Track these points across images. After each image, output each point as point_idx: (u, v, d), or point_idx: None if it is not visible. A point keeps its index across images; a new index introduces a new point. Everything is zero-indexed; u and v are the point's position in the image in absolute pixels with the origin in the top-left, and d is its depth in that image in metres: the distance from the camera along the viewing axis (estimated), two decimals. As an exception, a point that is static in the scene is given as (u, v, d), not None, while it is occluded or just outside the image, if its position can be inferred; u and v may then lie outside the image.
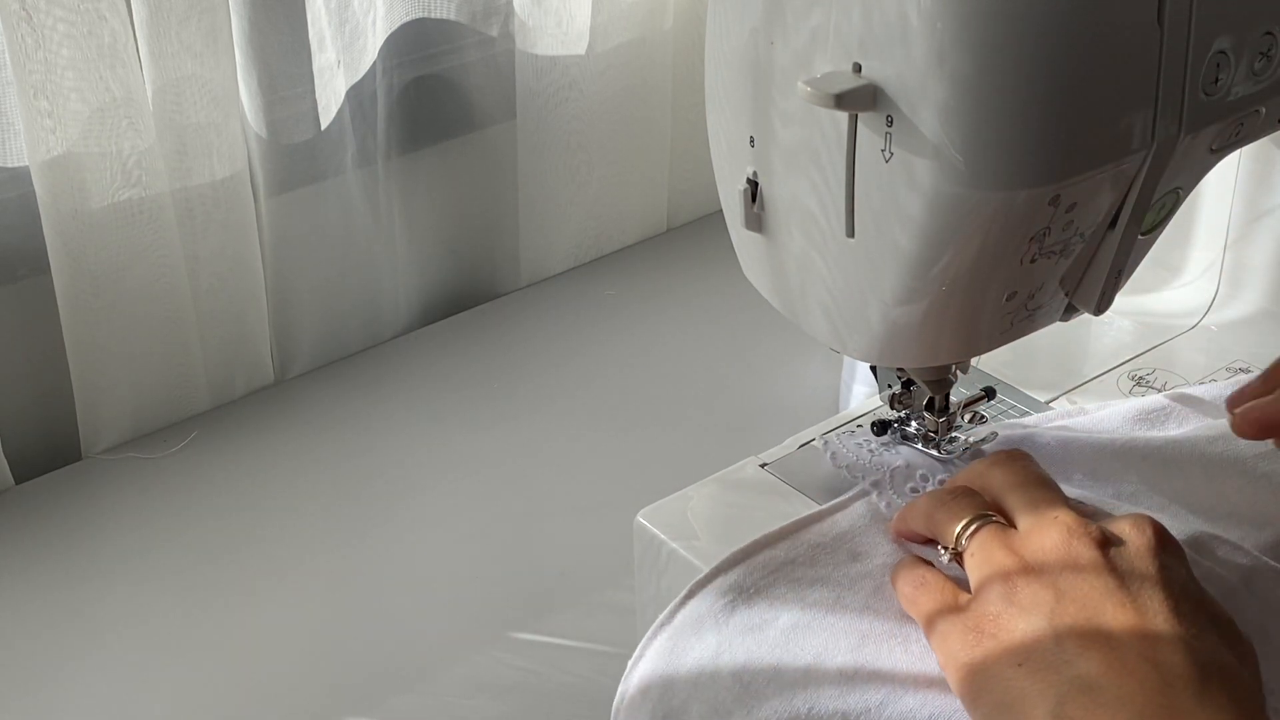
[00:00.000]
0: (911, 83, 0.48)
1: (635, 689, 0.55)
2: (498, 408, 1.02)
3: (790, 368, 1.04)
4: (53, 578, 0.88)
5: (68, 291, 0.93)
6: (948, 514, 0.54)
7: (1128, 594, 0.48)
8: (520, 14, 1.08)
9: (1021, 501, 0.53)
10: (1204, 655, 0.46)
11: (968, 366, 0.65)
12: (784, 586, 0.57)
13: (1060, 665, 0.47)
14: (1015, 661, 0.48)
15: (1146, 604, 0.48)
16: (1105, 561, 0.49)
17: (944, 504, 0.55)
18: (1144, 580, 0.49)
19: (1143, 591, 0.48)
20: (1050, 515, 0.51)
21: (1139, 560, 0.49)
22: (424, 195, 1.12)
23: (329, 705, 0.78)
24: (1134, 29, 0.48)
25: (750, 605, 0.56)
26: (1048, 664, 0.47)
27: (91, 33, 0.86)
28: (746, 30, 0.55)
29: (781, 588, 0.57)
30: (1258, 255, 0.78)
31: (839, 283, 0.56)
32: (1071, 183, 0.50)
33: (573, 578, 0.86)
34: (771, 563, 0.58)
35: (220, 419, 1.02)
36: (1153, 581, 0.48)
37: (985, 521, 0.53)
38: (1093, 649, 0.47)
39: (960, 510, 0.54)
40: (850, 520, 0.60)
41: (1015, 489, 0.53)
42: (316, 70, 0.99)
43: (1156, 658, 0.46)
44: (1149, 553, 0.49)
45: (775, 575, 0.57)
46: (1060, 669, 0.47)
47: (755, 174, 0.57)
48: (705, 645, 0.55)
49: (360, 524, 0.92)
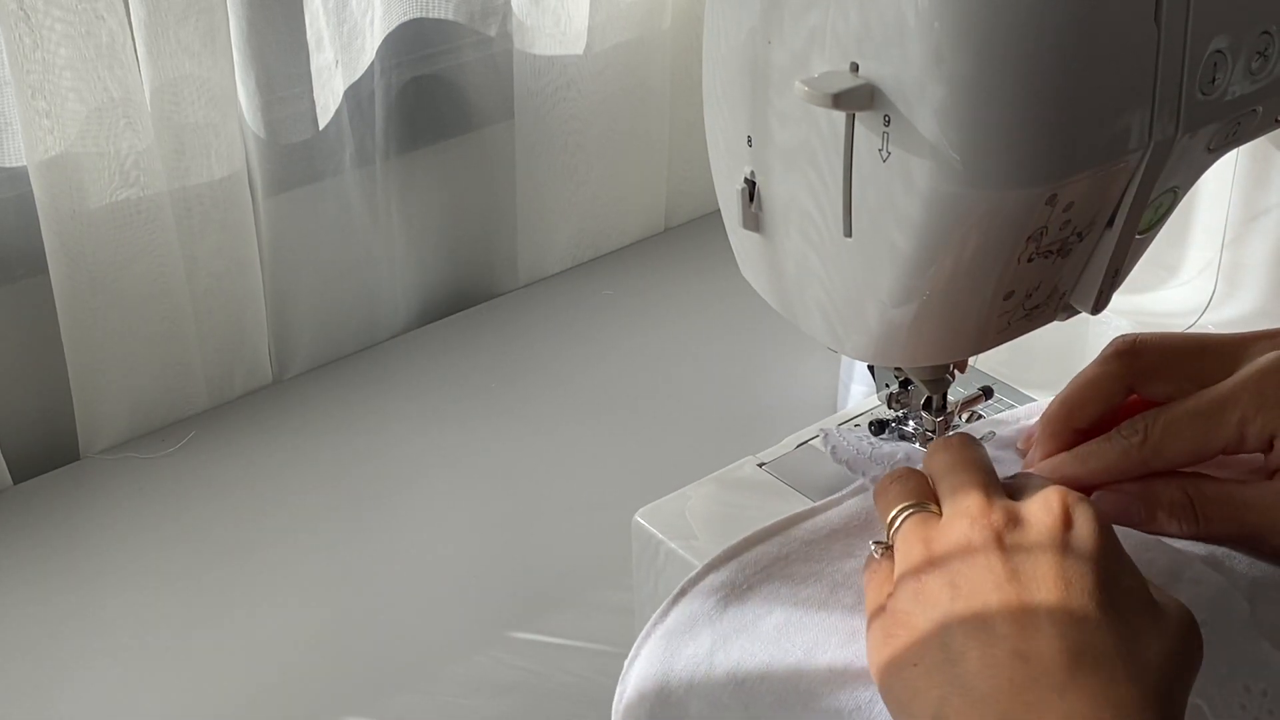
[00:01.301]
0: (909, 82, 0.48)
1: (632, 689, 0.55)
2: (496, 407, 1.02)
3: (788, 367, 1.04)
4: (51, 578, 0.88)
5: (66, 291, 0.93)
6: (884, 503, 0.54)
7: (1017, 582, 0.47)
8: (518, 14, 1.08)
9: (945, 489, 0.52)
10: (1081, 641, 0.45)
11: (965, 366, 0.65)
12: (776, 583, 0.57)
13: (946, 664, 0.46)
14: (912, 661, 0.48)
15: (1034, 590, 0.47)
16: (999, 549, 0.48)
17: (882, 492, 0.54)
18: (1038, 563, 0.47)
19: (1035, 576, 0.47)
20: (961, 504, 0.50)
21: (1039, 542, 0.48)
22: (422, 195, 1.12)
23: (327, 704, 0.78)
24: (1131, 28, 0.48)
25: (743, 603, 0.56)
26: (937, 663, 0.47)
27: (89, 33, 0.86)
28: (744, 30, 0.55)
29: (774, 584, 0.57)
30: (1255, 254, 0.78)
31: (836, 282, 0.56)
32: (1068, 182, 0.50)
33: (571, 577, 0.86)
34: (763, 559, 0.57)
35: (218, 419, 1.02)
36: (1048, 564, 0.47)
37: (912, 511, 0.52)
38: (973, 646, 0.46)
39: (892, 499, 0.53)
40: (843, 516, 0.60)
41: (944, 475, 0.53)
42: (314, 70, 0.99)
43: (1028, 650, 0.45)
44: (1050, 533, 0.48)
45: (767, 572, 0.57)
46: (946, 668, 0.46)
47: (753, 174, 0.57)
48: (699, 644, 0.55)
49: (359, 523, 0.92)
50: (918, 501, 0.52)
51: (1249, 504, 0.54)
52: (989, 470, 0.53)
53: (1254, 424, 0.53)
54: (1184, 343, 0.57)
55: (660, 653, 0.55)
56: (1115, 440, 0.55)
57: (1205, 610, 0.51)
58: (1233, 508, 0.54)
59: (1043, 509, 0.49)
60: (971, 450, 0.54)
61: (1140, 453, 0.55)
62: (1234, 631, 0.52)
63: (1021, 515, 0.49)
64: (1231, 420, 0.53)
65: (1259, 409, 0.53)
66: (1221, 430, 0.53)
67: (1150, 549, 0.54)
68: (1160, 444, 0.54)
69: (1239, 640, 0.51)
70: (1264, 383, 0.53)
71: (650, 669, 0.55)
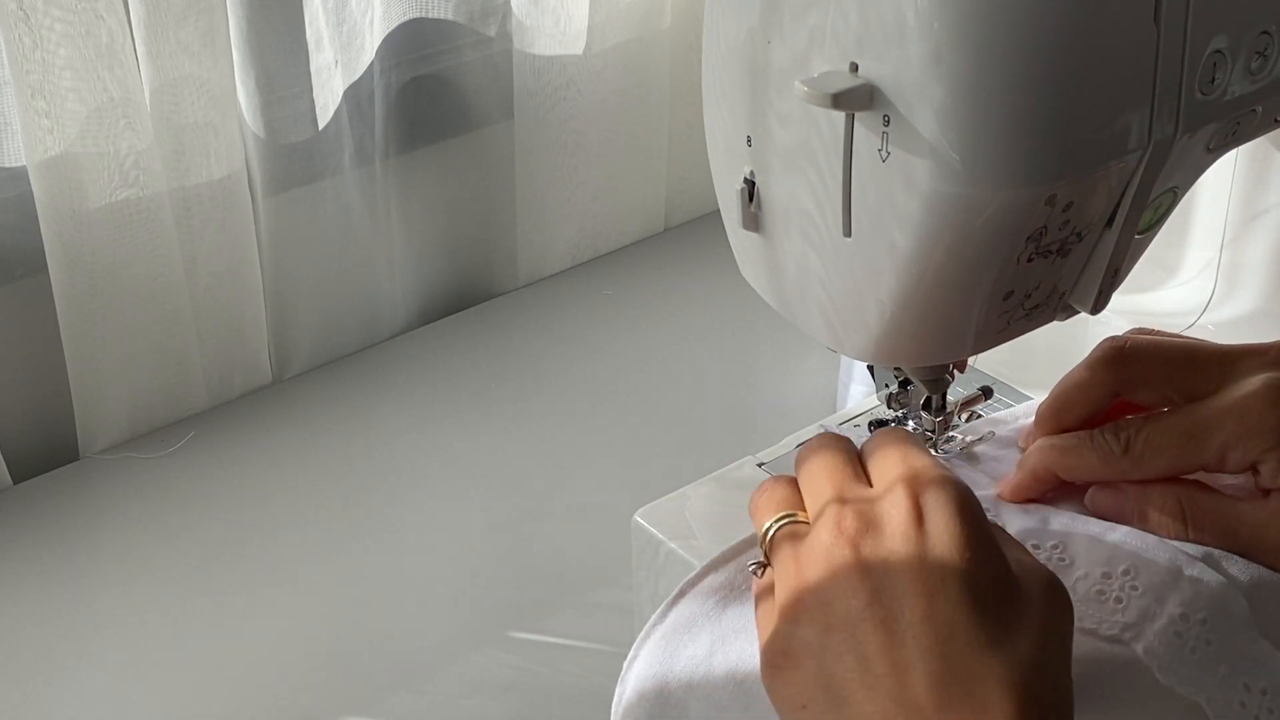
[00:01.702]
0: (908, 82, 0.48)
1: (631, 690, 0.55)
2: (495, 407, 1.02)
3: (788, 367, 1.04)
4: (51, 577, 0.88)
5: (65, 291, 0.93)
6: (757, 517, 0.52)
7: (881, 606, 0.46)
8: (518, 14, 1.08)
9: (806, 494, 0.51)
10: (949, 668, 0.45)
11: (965, 366, 0.65)
12: None
13: (834, 709, 0.46)
14: (801, 703, 0.47)
15: (900, 613, 0.46)
16: (858, 567, 0.47)
17: (754, 504, 0.53)
18: (898, 580, 0.46)
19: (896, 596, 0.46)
20: (818, 512, 0.49)
21: (894, 548, 0.47)
22: (421, 195, 1.12)
23: (326, 704, 0.78)
24: (1130, 28, 0.48)
25: (742, 602, 0.56)
26: (826, 707, 0.46)
27: (89, 33, 0.86)
28: (744, 30, 0.55)
29: None
30: (1254, 254, 0.78)
31: (836, 282, 0.56)
32: (1068, 182, 0.50)
33: (570, 577, 0.86)
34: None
35: (218, 419, 1.02)
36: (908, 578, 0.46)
37: (784, 524, 0.51)
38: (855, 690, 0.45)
39: (762, 512, 0.52)
40: None
41: (803, 479, 0.52)
42: (314, 70, 0.99)
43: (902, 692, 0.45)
44: (904, 535, 0.47)
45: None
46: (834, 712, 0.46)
47: (752, 174, 0.57)
48: (699, 645, 0.55)
49: (358, 523, 0.92)
50: (789, 512, 0.51)
51: (1241, 519, 0.54)
52: (844, 464, 0.51)
53: (1236, 449, 0.53)
54: (1173, 351, 0.57)
55: (660, 653, 0.55)
56: (1098, 442, 0.55)
57: (1205, 609, 0.52)
58: (1225, 521, 0.54)
59: (893, 506, 0.48)
60: (827, 446, 0.52)
61: (1121, 462, 0.55)
62: (1234, 630, 0.52)
63: (874, 516, 0.48)
64: (1213, 443, 0.53)
65: (1241, 436, 0.53)
66: (1202, 452, 0.54)
67: (1150, 549, 0.54)
68: (1141, 457, 0.55)
69: (1239, 639, 0.52)
70: (1248, 410, 0.53)
71: (650, 669, 0.55)
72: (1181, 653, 0.51)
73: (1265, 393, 0.53)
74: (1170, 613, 0.52)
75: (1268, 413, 0.53)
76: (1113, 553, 0.54)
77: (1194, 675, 0.51)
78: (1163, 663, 0.51)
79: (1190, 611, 0.52)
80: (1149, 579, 0.53)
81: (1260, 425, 0.53)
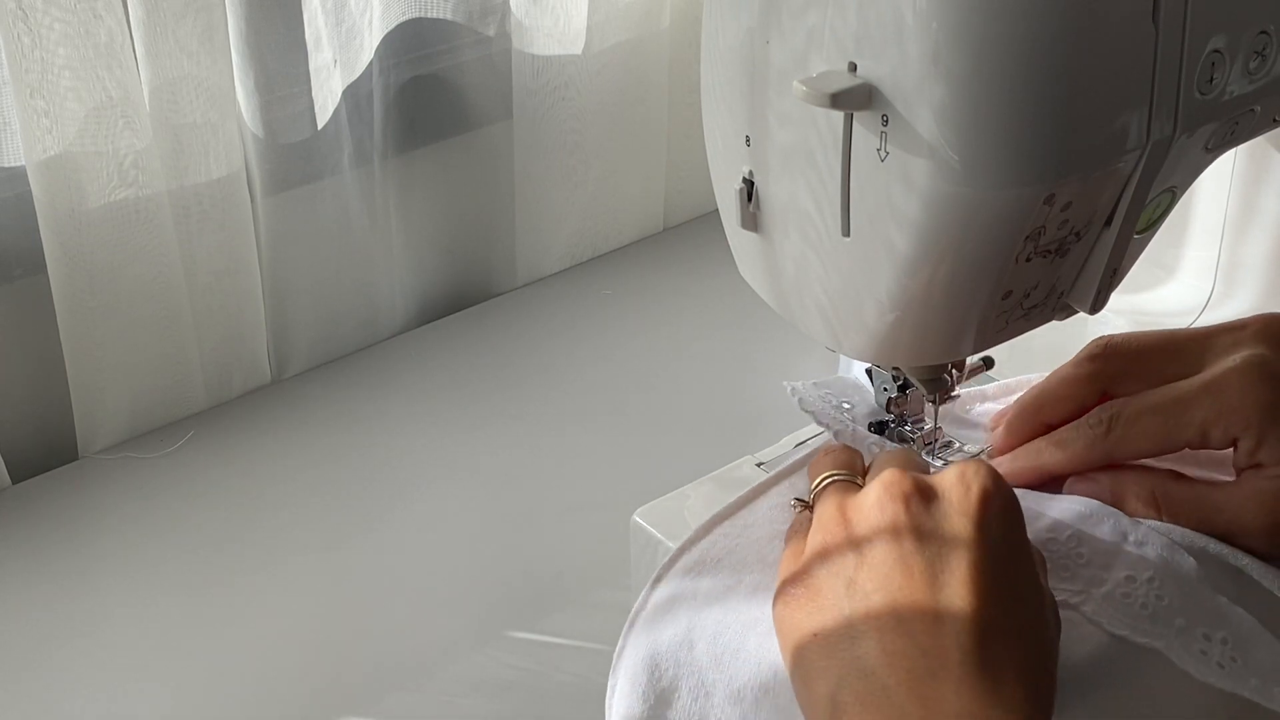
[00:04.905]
0: (907, 82, 0.48)
1: (623, 679, 0.55)
2: (494, 407, 1.02)
3: (786, 367, 1.04)
4: (50, 577, 0.88)
5: (64, 291, 0.93)
6: (815, 469, 0.54)
7: (923, 561, 0.46)
8: (517, 13, 1.08)
9: (875, 470, 0.52)
10: (981, 640, 0.45)
11: (964, 365, 0.65)
12: (746, 550, 0.57)
13: (846, 644, 0.46)
14: (813, 630, 0.47)
15: (942, 574, 0.46)
16: (909, 521, 0.47)
17: (816, 461, 0.55)
18: (950, 544, 0.47)
19: (944, 558, 0.46)
20: (881, 476, 0.50)
21: (952, 519, 0.47)
22: (420, 195, 1.12)
23: (325, 704, 0.78)
24: (1129, 28, 0.49)
25: (715, 575, 0.56)
26: (836, 641, 0.46)
27: (88, 32, 0.86)
28: (742, 30, 0.55)
29: (743, 552, 0.57)
30: (1252, 253, 0.78)
31: (835, 282, 0.56)
32: (1066, 182, 0.50)
33: (570, 577, 0.86)
34: (732, 531, 0.58)
35: (217, 418, 1.02)
36: (962, 546, 0.46)
37: (838, 479, 0.52)
38: (873, 630, 0.46)
39: (823, 467, 0.53)
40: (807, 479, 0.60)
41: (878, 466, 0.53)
42: (313, 70, 0.99)
43: (931, 643, 0.45)
44: (966, 511, 0.48)
45: (738, 540, 0.57)
46: (846, 648, 0.46)
47: (751, 173, 0.58)
48: (679, 625, 0.55)
49: (357, 523, 0.92)
50: (847, 474, 0.52)
51: (1217, 506, 0.54)
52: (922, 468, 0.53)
53: (1216, 426, 0.53)
54: (1153, 342, 0.57)
55: (644, 639, 0.55)
56: (1081, 429, 0.56)
57: (1152, 568, 0.52)
58: (1200, 509, 0.55)
59: (959, 483, 0.49)
60: (910, 455, 0.54)
61: (1104, 444, 0.55)
62: (1185, 587, 0.52)
63: (929, 485, 0.49)
64: (1193, 421, 0.54)
65: (1221, 413, 0.53)
66: (1183, 430, 0.54)
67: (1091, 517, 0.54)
68: (1123, 437, 0.55)
69: (1193, 595, 0.52)
70: (1227, 386, 0.53)
71: (637, 656, 0.55)
72: (1131, 609, 0.51)
73: (1244, 369, 0.53)
74: (1115, 578, 0.52)
75: (1246, 389, 0.53)
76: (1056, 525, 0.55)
77: (1147, 628, 0.51)
78: (1111, 619, 0.51)
79: (1137, 574, 0.52)
80: (1092, 548, 0.53)
81: (1240, 402, 0.53)
